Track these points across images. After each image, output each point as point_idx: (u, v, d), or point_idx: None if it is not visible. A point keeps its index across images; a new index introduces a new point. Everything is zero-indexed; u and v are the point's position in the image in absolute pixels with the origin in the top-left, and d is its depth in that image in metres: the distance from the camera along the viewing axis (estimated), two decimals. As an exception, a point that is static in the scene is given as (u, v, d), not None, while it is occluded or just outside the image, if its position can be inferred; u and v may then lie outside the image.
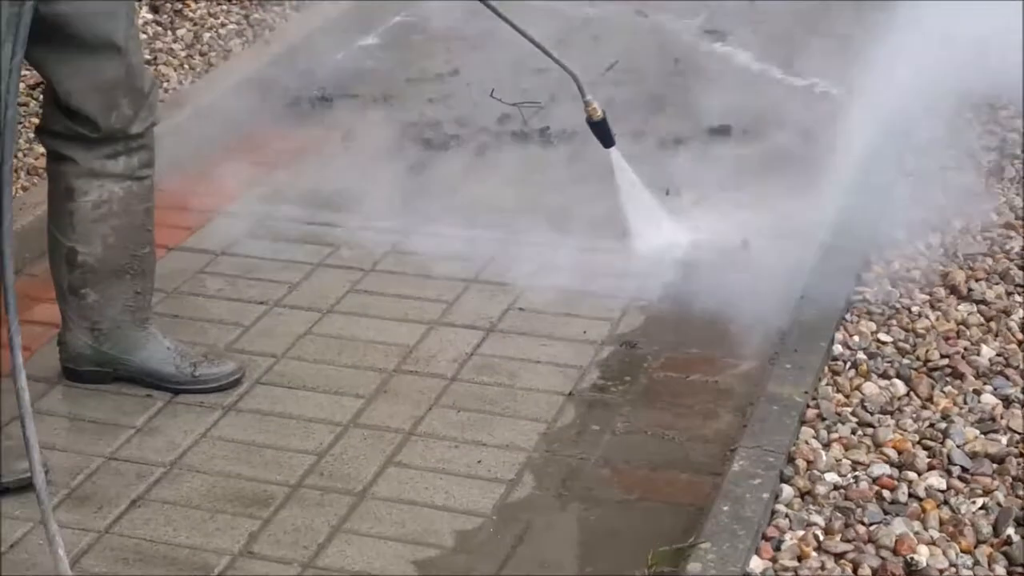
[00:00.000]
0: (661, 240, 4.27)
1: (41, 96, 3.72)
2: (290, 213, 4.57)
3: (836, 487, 3.21)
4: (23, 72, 4.61)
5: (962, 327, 3.79)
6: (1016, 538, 3.05)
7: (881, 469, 3.26)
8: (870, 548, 3.02)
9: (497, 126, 5.08)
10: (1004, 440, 3.35)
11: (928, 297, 3.93)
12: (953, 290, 3.95)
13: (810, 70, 5.27)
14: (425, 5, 6.11)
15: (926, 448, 3.33)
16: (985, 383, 3.57)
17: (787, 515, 3.12)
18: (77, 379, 3.67)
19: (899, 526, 3.07)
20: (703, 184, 4.53)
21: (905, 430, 3.40)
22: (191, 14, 5.75)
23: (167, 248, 4.31)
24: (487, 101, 5.12)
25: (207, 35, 5.64)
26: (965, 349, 3.69)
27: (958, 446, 3.32)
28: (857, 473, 3.25)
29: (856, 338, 3.73)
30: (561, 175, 4.67)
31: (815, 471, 3.24)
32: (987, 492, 3.19)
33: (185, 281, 4.19)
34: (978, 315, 3.85)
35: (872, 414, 3.45)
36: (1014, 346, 3.71)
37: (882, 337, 3.75)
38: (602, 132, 4.25)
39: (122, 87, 3.40)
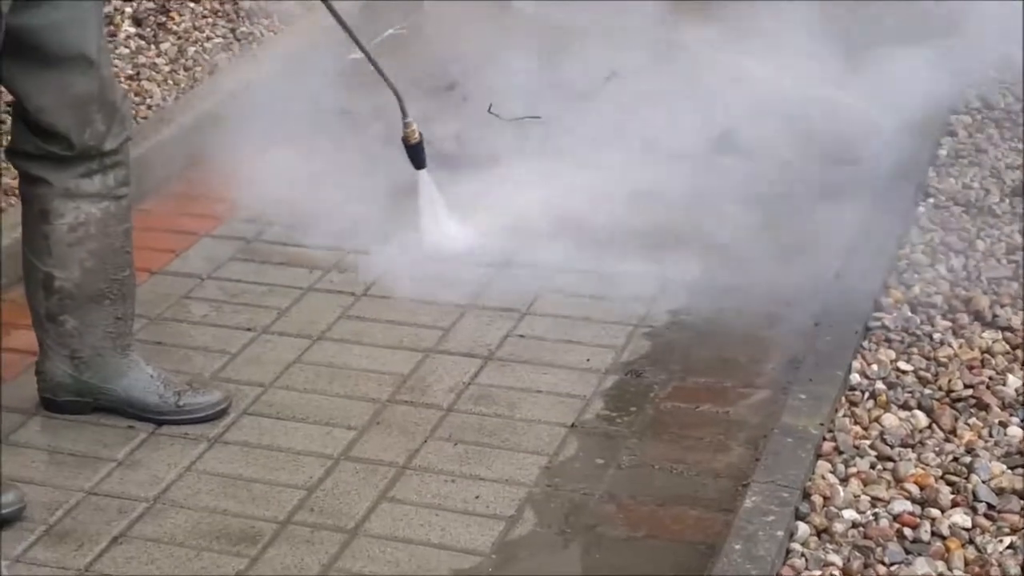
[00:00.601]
0: (454, 260, 4.33)
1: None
2: (279, 235, 4.55)
3: (854, 525, 3.18)
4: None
5: (987, 355, 3.76)
6: (1046, 580, 3.02)
7: (902, 506, 3.22)
8: (891, 589, 2.99)
9: (496, 142, 4.99)
10: (1032, 475, 3.32)
11: (951, 323, 3.89)
12: (977, 316, 3.92)
13: (819, 77, 5.23)
14: (421, 17, 6.06)
15: (950, 483, 3.30)
16: (1012, 415, 3.53)
17: (803, 554, 3.09)
18: (56, 409, 3.64)
19: (922, 566, 3.04)
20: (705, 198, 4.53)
21: (927, 464, 3.36)
22: (175, 28, 5.73)
23: (150, 272, 4.29)
24: (485, 117, 5.06)
25: (192, 49, 5.61)
26: (990, 379, 3.66)
27: (983, 481, 3.29)
28: (877, 510, 3.22)
29: (874, 367, 3.70)
30: (563, 193, 4.62)
31: (832, 508, 3.22)
32: (1015, 531, 3.15)
33: (169, 306, 4.16)
34: (1003, 343, 3.81)
35: (892, 447, 3.41)
36: (1041, 375, 3.71)
37: (902, 366, 3.72)
38: (416, 154, 4.44)
39: (95, 101, 3.36)
